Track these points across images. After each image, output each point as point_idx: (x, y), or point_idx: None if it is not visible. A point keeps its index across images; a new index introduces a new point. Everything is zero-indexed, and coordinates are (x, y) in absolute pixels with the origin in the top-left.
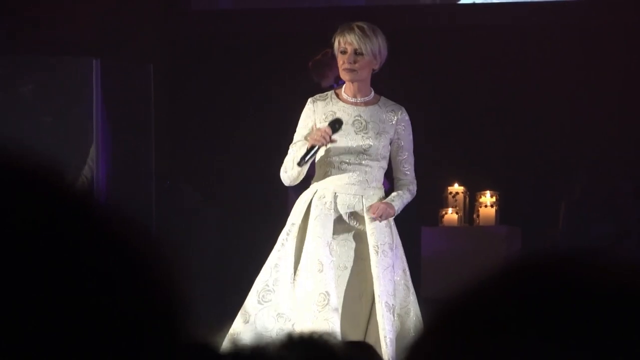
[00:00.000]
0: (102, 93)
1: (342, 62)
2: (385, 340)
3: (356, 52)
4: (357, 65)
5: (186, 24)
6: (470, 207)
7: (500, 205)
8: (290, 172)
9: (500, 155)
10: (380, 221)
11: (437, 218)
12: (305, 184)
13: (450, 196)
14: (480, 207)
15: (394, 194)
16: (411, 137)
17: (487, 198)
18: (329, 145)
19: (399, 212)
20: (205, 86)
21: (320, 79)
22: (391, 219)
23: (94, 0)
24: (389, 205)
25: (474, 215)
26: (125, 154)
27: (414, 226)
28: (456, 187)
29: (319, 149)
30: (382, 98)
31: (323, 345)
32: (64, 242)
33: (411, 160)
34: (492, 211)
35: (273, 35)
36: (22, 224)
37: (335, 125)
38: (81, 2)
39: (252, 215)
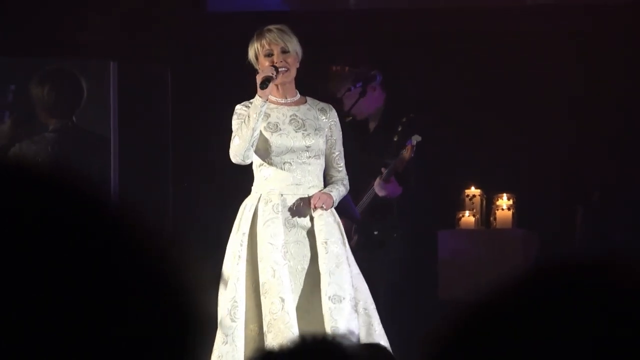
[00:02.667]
0: (119, 96)
1: (270, 64)
2: (334, 332)
3: (283, 51)
4: (288, 63)
5: (203, 26)
6: (487, 209)
7: (517, 208)
8: (244, 132)
9: (518, 158)
10: (322, 208)
11: (454, 221)
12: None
13: (467, 199)
14: (497, 209)
15: (329, 186)
16: (341, 134)
17: (504, 201)
18: (272, 147)
19: (337, 203)
20: (223, 88)
21: (336, 90)
22: (337, 217)
23: (111, 3)
24: (328, 194)
25: (491, 218)
26: (142, 156)
27: (431, 229)
28: (473, 190)
29: (274, 76)
30: (309, 98)
31: (336, 347)
32: (77, 239)
33: (342, 156)
34: (509, 214)
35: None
36: (33, 221)
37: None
38: (98, 6)
39: None
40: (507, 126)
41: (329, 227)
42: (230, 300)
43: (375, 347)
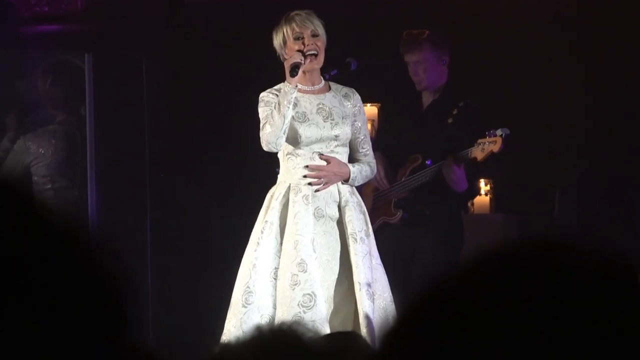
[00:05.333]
0: (94, 87)
1: (300, 47)
2: (368, 327)
3: (313, 35)
4: (318, 47)
5: (180, 16)
6: None
7: (494, 193)
8: (277, 119)
9: None
10: (320, 181)
11: None
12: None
13: None
14: None
15: (355, 163)
16: (365, 117)
17: (482, 186)
18: (301, 137)
19: (355, 181)
20: (201, 79)
21: (405, 54)
22: (364, 207)
23: None
24: (345, 165)
25: (469, 204)
26: (119, 148)
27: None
28: None
29: (302, 62)
30: (331, 83)
31: (291, 335)
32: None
33: (368, 139)
34: (486, 199)
35: (270, 26)
36: None
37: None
38: None
39: (250, 207)
40: (482, 111)
41: (356, 219)
42: (244, 286)
43: (348, 335)
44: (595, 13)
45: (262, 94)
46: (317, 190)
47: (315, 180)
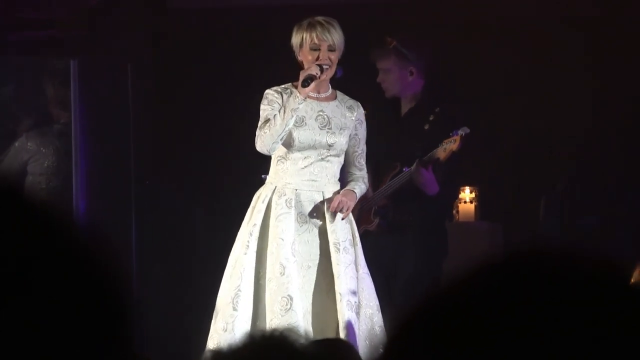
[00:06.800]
0: (80, 93)
1: (314, 58)
2: (348, 338)
3: (330, 49)
4: (331, 60)
5: (165, 22)
6: None
7: (479, 201)
8: (278, 125)
9: (479, 151)
10: (341, 215)
11: None
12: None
13: None
14: (460, 202)
15: (352, 183)
16: (365, 131)
17: (467, 194)
18: (295, 141)
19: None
20: (186, 84)
21: (374, 59)
22: (350, 216)
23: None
24: (349, 193)
25: (454, 211)
26: (104, 154)
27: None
28: None
29: (317, 76)
30: (339, 93)
31: (284, 342)
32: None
33: (364, 154)
34: (471, 207)
35: (255, 31)
36: None
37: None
38: (59, 2)
39: (236, 210)
40: (469, 119)
41: (340, 228)
42: (235, 288)
43: (338, 342)
44: (595, 13)
45: (267, 91)
46: (343, 218)
47: (341, 213)
